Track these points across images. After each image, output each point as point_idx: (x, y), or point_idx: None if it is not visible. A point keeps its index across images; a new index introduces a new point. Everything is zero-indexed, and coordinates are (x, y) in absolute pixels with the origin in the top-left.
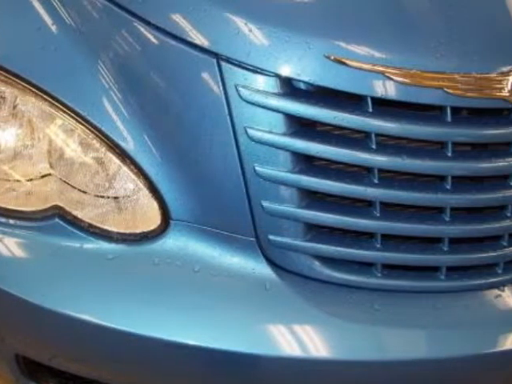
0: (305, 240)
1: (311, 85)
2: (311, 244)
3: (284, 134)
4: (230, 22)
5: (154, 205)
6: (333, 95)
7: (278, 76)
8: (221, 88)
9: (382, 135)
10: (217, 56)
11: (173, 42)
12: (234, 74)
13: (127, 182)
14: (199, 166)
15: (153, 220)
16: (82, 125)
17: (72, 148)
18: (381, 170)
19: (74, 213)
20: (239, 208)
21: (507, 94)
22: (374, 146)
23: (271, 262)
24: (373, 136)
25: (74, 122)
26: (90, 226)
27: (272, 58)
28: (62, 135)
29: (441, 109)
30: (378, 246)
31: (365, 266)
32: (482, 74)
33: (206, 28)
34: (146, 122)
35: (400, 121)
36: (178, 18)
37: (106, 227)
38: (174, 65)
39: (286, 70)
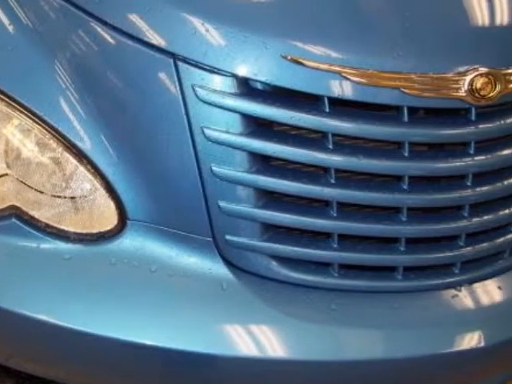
0: (262, 240)
1: (268, 85)
2: (268, 244)
3: (241, 134)
4: (186, 22)
5: (111, 205)
6: (290, 95)
7: (234, 76)
8: (178, 88)
9: (339, 135)
10: (173, 56)
11: (130, 42)
12: (191, 74)
13: (84, 181)
14: (156, 166)
15: (109, 220)
16: (39, 125)
17: (29, 148)
18: (337, 170)
19: (31, 213)
20: (196, 208)
21: (464, 94)
22: (330, 146)
23: (228, 262)
24: (329, 136)
25: (31, 122)
26: (47, 225)
27: (229, 58)
28: (19, 135)
29: (397, 109)
30: (335, 245)
31: (322, 266)
32: (438, 74)
33: (163, 28)
34: (103, 121)
35: (357, 121)
36: (134, 18)
37: (62, 227)
38: (130, 65)
39: (242, 70)
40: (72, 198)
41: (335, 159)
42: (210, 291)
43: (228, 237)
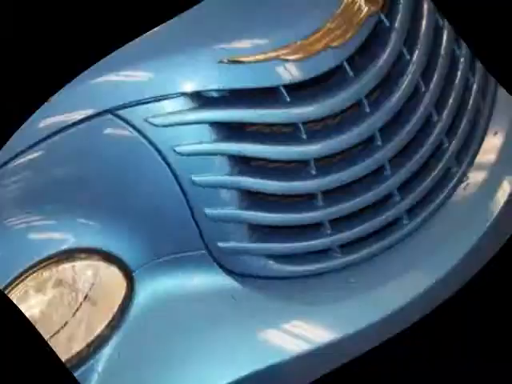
0: (252, 241)
1: (222, 90)
2: (259, 244)
3: (215, 141)
4: (108, 78)
5: (115, 270)
6: (247, 95)
7: (184, 94)
8: (131, 129)
9: (309, 122)
10: (110, 111)
11: None
12: (136, 113)
13: (86, 271)
14: (136, 205)
15: (118, 287)
16: None
17: None
18: (317, 160)
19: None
20: (184, 223)
21: None
22: (304, 136)
23: (229, 271)
24: (300, 126)
25: None
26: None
27: (169, 84)
28: None
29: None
30: (329, 231)
31: (321, 253)
32: None
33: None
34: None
35: (318, 101)
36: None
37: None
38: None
39: (189, 87)
40: (85, 297)
41: (313, 148)
42: (223, 306)
43: (220, 244)
